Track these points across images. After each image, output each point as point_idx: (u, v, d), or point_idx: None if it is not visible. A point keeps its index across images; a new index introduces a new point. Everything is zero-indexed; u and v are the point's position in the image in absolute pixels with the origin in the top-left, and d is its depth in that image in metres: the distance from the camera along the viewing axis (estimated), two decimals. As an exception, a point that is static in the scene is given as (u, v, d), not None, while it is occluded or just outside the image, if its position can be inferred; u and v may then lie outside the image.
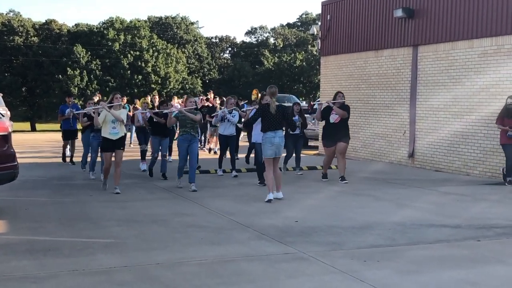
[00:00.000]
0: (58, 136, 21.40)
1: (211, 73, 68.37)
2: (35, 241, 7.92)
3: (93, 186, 12.95)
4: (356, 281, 6.33)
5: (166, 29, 68.96)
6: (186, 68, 62.90)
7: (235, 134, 15.00)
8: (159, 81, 57.39)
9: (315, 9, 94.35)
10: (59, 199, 11.36)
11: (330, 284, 6.26)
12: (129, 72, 55.94)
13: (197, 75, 65.70)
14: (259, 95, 19.80)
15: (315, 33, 22.36)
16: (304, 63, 64.49)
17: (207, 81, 66.30)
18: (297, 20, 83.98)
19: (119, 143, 12.00)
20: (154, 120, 14.37)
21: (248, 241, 8.04)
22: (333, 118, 13.74)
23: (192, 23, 73.12)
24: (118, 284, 6.11)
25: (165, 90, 56.11)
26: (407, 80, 17.44)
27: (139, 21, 61.58)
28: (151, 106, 18.10)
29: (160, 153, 14.61)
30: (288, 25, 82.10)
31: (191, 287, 6.08)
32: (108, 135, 11.95)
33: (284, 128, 11.57)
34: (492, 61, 14.64)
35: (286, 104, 19.22)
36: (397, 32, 17.88)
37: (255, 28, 79.64)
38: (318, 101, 13.98)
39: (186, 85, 60.22)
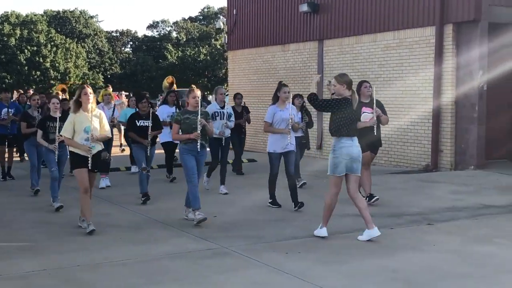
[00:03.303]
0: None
1: (113, 68, 67.06)
2: None
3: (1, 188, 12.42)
4: (280, 273, 6.44)
5: (65, 23, 67.04)
6: (87, 63, 61.44)
7: (229, 135, 12.01)
8: (59, 77, 55.76)
9: (217, 3, 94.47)
10: (-36, 202, 10.83)
11: (255, 277, 6.34)
12: (26, 68, 54.03)
13: (98, 70, 64.29)
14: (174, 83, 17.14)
15: (222, 27, 22.43)
16: (208, 57, 64.46)
17: (109, 76, 64.98)
18: (199, 14, 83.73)
19: (93, 163, 8.27)
20: (138, 124, 10.96)
21: (169, 239, 7.99)
22: (365, 117, 9.87)
23: (92, 17, 71.52)
24: (39, 289, 5.93)
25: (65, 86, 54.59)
26: (313, 74, 17.78)
27: (35, 15, 59.54)
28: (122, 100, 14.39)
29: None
30: (191, 19, 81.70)
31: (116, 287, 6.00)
32: (80, 150, 8.27)
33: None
34: (395, 54, 15.19)
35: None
36: (303, 27, 18.20)
37: (157, 22, 78.85)
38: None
39: (87, 81, 58.83)
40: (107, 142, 11.39)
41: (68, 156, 8.87)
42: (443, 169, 14.01)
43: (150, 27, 79.59)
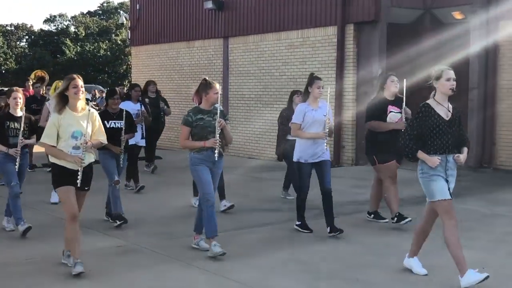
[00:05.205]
0: None
1: (8, 63, 64.50)
2: None
3: None
4: (194, 269, 6.48)
5: (-45, 15, 63.90)
6: (-20, 58, 58.85)
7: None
8: (-51, 72, 53.12)
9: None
10: None
11: (168, 273, 6.34)
12: None
13: (-8, 65, 61.70)
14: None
15: (125, 22, 22.10)
16: (108, 52, 63.17)
17: (4, 72, 62.47)
18: (98, 8, 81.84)
19: (84, 178, 6.31)
20: (108, 126, 8.62)
21: (77, 237, 7.82)
22: (393, 117, 8.30)
23: (-16, 10, 68.53)
24: None
25: (-44, 82, 52.01)
26: (219, 71, 17.88)
27: None
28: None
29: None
30: (89, 13, 79.73)
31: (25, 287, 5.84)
32: (67, 163, 6.32)
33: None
34: (298, 52, 15.51)
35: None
36: (208, 24, 18.23)
37: (54, 16, 76.37)
38: None
39: (-19, 76, 56.41)
40: None
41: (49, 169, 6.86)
42: (345, 165, 14.46)
43: (47, 21, 76.96)
